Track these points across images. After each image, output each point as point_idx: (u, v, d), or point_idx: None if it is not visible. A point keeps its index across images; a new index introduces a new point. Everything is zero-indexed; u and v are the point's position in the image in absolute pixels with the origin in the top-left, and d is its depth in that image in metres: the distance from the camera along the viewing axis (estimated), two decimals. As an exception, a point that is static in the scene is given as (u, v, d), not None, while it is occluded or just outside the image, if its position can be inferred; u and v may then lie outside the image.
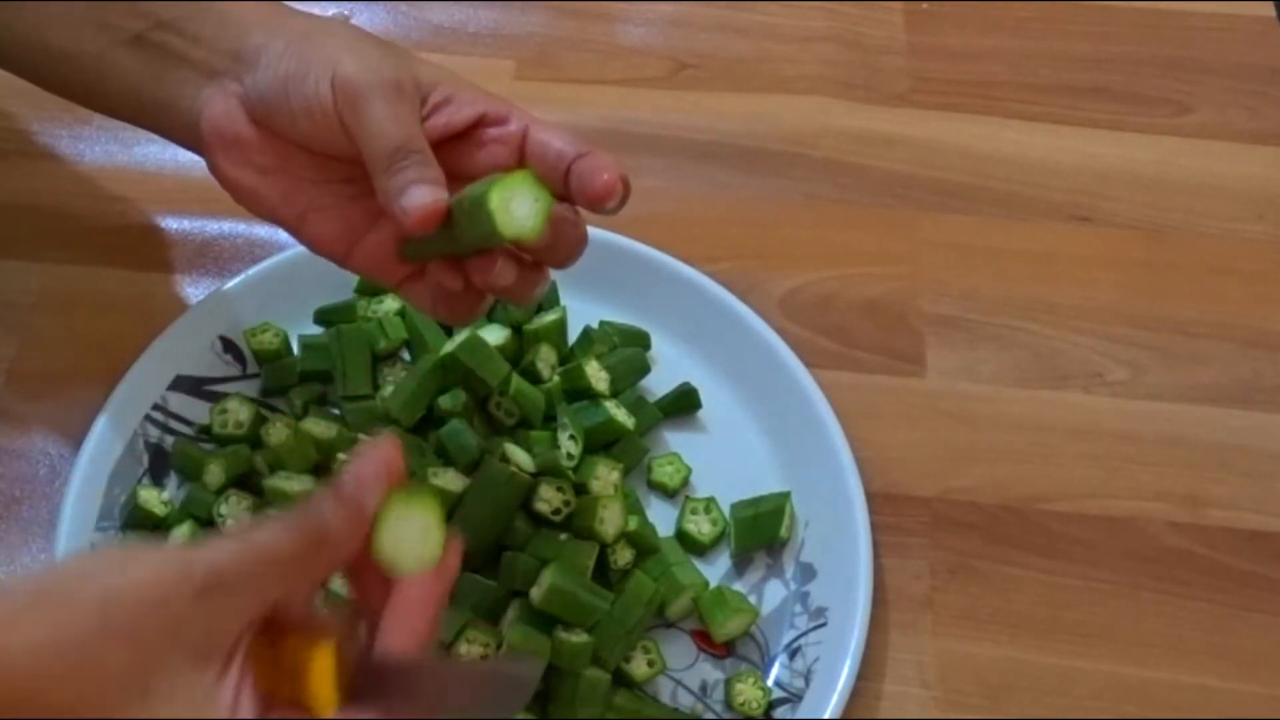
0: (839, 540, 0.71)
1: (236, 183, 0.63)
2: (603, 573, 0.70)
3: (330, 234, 0.63)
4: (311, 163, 0.62)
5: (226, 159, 0.63)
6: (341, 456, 0.72)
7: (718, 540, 0.73)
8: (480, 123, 0.61)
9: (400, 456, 0.52)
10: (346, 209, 0.63)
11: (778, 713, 0.68)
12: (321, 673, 0.49)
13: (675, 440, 0.77)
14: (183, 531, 0.70)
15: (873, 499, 0.73)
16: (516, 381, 0.73)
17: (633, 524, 0.70)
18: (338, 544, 0.50)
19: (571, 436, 0.72)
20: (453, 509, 0.68)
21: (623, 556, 0.70)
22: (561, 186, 0.59)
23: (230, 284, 0.78)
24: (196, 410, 0.75)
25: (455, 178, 0.60)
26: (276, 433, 0.73)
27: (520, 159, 0.61)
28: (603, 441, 0.74)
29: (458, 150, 0.61)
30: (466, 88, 0.62)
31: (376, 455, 0.51)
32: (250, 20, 0.63)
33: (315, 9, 0.95)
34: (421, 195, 0.57)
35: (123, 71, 0.64)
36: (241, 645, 0.49)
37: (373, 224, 0.63)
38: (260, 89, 0.61)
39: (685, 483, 0.75)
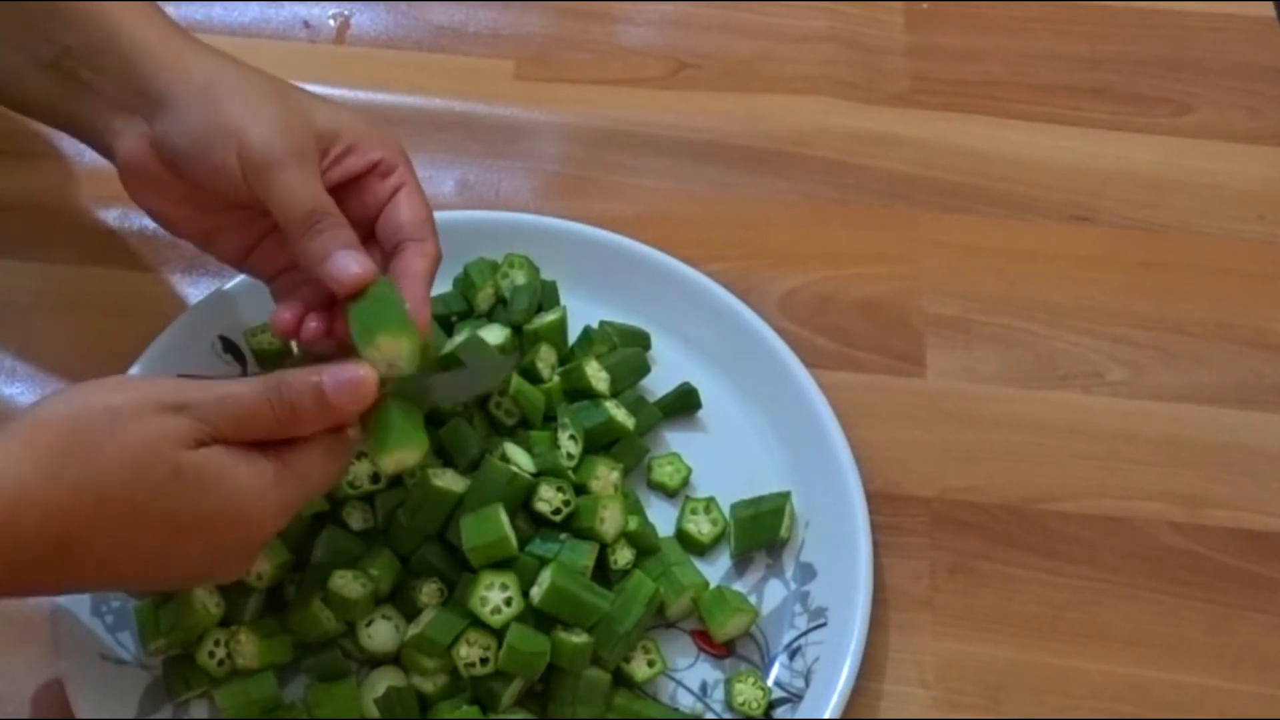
0: (839, 540, 0.71)
1: (149, 208, 0.68)
2: (603, 573, 0.70)
3: (231, 249, 0.69)
4: (217, 196, 0.65)
5: (139, 187, 0.67)
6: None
7: (718, 540, 0.73)
8: (373, 169, 0.66)
9: (374, 392, 0.59)
10: (246, 228, 0.68)
11: (778, 713, 0.68)
12: None
13: (675, 440, 0.77)
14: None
15: (873, 499, 0.73)
16: (516, 381, 0.73)
17: (633, 524, 0.70)
18: (299, 425, 0.58)
19: (571, 436, 0.72)
20: (453, 509, 0.68)
21: (623, 556, 0.70)
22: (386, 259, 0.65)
23: (230, 284, 0.78)
24: (196, 410, 0.75)
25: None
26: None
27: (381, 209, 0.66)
28: (603, 441, 0.74)
29: (344, 189, 0.66)
30: (365, 134, 0.66)
31: (360, 381, 0.59)
32: (153, 63, 0.65)
33: (316, 10, 0.95)
34: (349, 265, 0.62)
35: (40, 90, 0.68)
36: None
37: (265, 236, 0.68)
38: (171, 142, 0.64)
39: (685, 483, 0.75)
